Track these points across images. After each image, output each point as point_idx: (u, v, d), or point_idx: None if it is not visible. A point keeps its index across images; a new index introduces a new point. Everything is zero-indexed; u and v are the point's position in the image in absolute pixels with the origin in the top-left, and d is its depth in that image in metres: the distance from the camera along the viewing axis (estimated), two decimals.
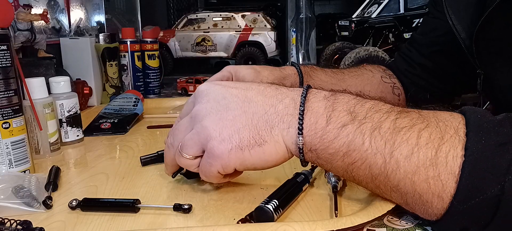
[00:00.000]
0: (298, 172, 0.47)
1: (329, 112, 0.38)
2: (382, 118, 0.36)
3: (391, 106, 0.38)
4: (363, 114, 0.37)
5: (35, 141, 0.63)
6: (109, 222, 0.41)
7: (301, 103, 0.38)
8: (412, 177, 0.34)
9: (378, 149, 0.36)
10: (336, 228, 0.35)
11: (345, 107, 0.38)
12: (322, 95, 0.39)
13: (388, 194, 0.38)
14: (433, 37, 0.73)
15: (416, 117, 0.37)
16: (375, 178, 0.37)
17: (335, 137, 0.37)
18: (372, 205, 0.39)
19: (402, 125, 0.36)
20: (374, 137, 0.36)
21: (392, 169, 0.35)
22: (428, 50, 0.74)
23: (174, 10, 1.95)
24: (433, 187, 0.34)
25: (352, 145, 0.36)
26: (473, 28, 0.57)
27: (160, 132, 0.77)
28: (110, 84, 1.07)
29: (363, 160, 0.36)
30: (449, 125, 0.35)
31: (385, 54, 1.63)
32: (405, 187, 0.35)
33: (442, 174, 0.33)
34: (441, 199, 0.34)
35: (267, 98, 0.40)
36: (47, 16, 0.95)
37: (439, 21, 0.70)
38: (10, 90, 0.52)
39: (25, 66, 0.72)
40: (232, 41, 1.40)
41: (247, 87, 0.42)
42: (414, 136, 0.35)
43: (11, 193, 0.45)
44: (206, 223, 0.41)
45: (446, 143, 0.34)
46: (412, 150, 0.34)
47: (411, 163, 0.34)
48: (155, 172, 0.55)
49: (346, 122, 0.37)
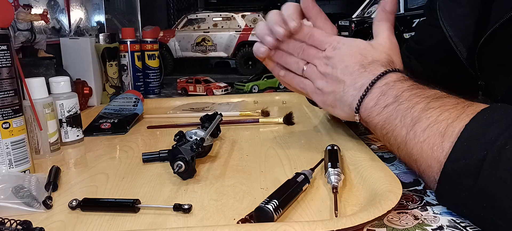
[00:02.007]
0: (298, 172, 0.47)
1: (379, 95, 0.48)
2: (419, 101, 0.45)
3: (436, 92, 0.45)
4: (405, 97, 0.46)
5: (35, 141, 0.63)
6: (109, 222, 0.41)
7: (365, 89, 0.50)
8: (421, 145, 0.42)
9: (404, 124, 0.45)
10: (336, 228, 0.35)
11: (394, 92, 0.47)
12: (384, 82, 0.49)
13: (408, 161, 0.46)
14: (431, 45, 0.73)
15: (449, 101, 0.43)
16: (399, 146, 0.46)
17: (377, 113, 0.48)
18: (372, 205, 0.39)
19: (432, 106, 0.43)
20: (405, 115, 0.45)
21: (410, 138, 0.44)
22: (427, 60, 0.73)
23: (174, 10, 1.95)
24: (436, 152, 0.40)
25: (388, 120, 0.47)
26: (471, 41, 0.57)
27: (160, 132, 0.77)
28: (110, 84, 1.07)
29: (392, 131, 0.46)
30: (472, 108, 0.41)
31: None
32: (416, 153, 0.43)
33: (445, 142, 0.40)
34: (438, 162, 0.40)
35: (352, 77, 0.51)
36: (47, 16, 0.95)
37: (434, 28, 0.69)
38: (10, 90, 0.52)
39: (25, 66, 0.72)
40: (232, 41, 1.40)
41: (344, 70, 0.52)
42: (436, 114, 0.42)
43: (11, 193, 0.45)
44: (206, 223, 0.41)
45: (458, 119, 0.40)
46: (429, 124, 0.42)
47: (425, 134, 0.42)
48: (155, 172, 0.55)
49: (389, 102, 0.47)
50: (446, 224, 0.40)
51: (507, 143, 0.35)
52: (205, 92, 1.13)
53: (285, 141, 0.68)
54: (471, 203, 0.37)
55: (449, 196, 0.40)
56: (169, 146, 0.55)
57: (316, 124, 0.76)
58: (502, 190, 0.34)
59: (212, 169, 0.55)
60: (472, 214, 0.39)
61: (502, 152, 0.35)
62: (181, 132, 0.59)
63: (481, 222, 0.38)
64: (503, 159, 0.35)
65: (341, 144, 0.58)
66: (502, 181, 0.34)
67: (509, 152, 0.35)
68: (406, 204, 0.44)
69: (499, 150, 0.35)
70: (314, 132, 0.72)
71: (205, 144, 0.56)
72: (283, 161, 0.57)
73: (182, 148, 0.52)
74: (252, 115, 0.85)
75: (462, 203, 0.38)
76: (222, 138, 0.70)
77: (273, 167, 0.55)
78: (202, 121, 0.68)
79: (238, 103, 0.99)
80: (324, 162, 0.52)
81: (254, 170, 0.54)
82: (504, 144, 0.35)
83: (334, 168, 0.47)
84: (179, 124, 0.80)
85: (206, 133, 0.58)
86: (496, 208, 0.35)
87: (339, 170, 0.47)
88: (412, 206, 0.44)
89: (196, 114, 0.88)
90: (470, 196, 0.37)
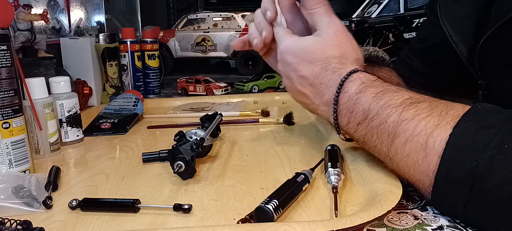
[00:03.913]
0: (298, 172, 0.47)
1: (348, 113, 0.46)
2: (390, 112, 0.42)
3: (405, 98, 0.43)
4: (374, 112, 0.43)
5: (35, 141, 0.63)
6: (109, 222, 0.41)
7: (333, 109, 0.47)
8: (406, 161, 0.41)
9: (382, 140, 0.43)
10: (336, 228, 0.35)
11: (361, 108, 0.45)
12: (347, 97, 0.46)
13: (398, 173, 0.44)
14: (433, 45, 0.72)
15: (423, 106, 0.41)
16: (385, 160, 0.44)
17: (354, 131, 0.46)
18: (372, 205, 0.39)
19: (405, 117, 0.41)
20: (380, 132, 0.43)
21: (393, 154, 0.42)
22: (430, 59, 0.73)
23: (174, 10, 1.95)
24: (422, 166, 0.39)
25: (365, 137, 0.45)
26: (471, 40, 0.57)
27: (160, 132, 0.77)
28: (110, 84, 1.07)
29: (374, 148, 0.45)
30: (450, 113, 0.39)
31: (385, 54, 1.63)
32: (403, 169, 0.42)
33: (429, 155, 0.38)
34: (428, 176, 0.39)
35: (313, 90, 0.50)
36: (47, 16, 0.95)
37: (436, 27, 0.68)
38: (10, 90, 0.52)
39: (25, 66, 0.72)
40: (232, 41, 1.40)
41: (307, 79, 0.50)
42: (412, 126, 0.40)
43: (11, 193, 0.45)
44: (206, 223, 0.41)
45: (438, 128, 0.38)
46: (407, 138, 0.40)
47: (406, 149, 0.40)
48: (155, 172, 0.55)
49: (360, 120, 0.45)
50: (446, 224, 0.40)
51: (498, 152, 0.34)
52: (205, 92, 1.13)
53: (285, 141, 0.68)
54: (469, 210, 0.37)
55: (446, 204, 0.39)
56: (169, 146, 0.55)
57: (316, 124, 0.76)
58: (499, 198, 0.34)
59: (212, 169, 0.55)
60: (472, 220, 0.39)
61: (494, 161, 0.34)
62: (181, 132, 0.59)
63: (482, 226, 0.38)
64: (496, 168, 0.34)
65: (341, 143, 0.58)
66: (498, 189, 0.34)
67: (501, 161, 0.34)
68: (406, 204, 0.44)
69: (491, 160, 0.34)
70: (314, 132, 0.72)
71: (205, 144, 0.56)
72: (283, 161, 0.57)
73: (182, 148, 0.52)
74: (252, 115, 0.85)
75: (461, 211, 0.38)
76: (222, 138, 0.70)
77: (273, 167, 0.55)
78: (202, 121, 0.68)
79: (238, 103, 0.99)
80: (324, 162, 0.52)
81: (254, 170, 0.54)
82: (496, 153, 0.34)
83: (334, 168, 0.47)
84: (179, 124, 0.80)
85: (206, 133, 0.58)
86: (495, 215, 0.35)
87: (339, 170, 0.47)
88: (412, 206, 0.44)
89: (196, 114, 0.88)
90: (468, 205, 0.36)
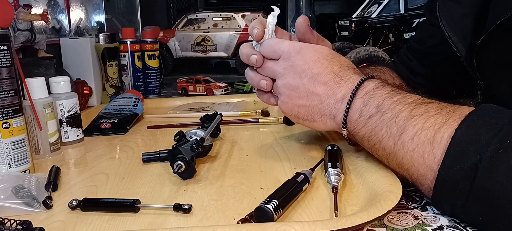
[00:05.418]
0: (298, 172, 0.47)
1: (362, 106, 0.46)
2: (402, 108, 0.43)
3: (417, 98, 0.44)
4: (387, 106, 0.45)
5: (35, 141, 0.63)
6: (109, 222, 0.41)
7: (347, 102, 0.47)
8: (412, 154, 0.41)
9: (390, 134, 0.43)
10: (336, 228, 0.35)
11: (376, 102, 0.46)
12: (364, 92, 0.47)
13: (399, 171, 0.45)
14: (432, 45, 0.72)
15: (432, 107, 0.42)
16: (388, 156, 0.45)
17: (363, 125, 0.46)
18: (372, 205, 0.39)
19: (416, 114, 0.42)
20: (390, 124, 0.44)
21: (398, 148, 0.42)
22: (429, 60, 0.73)
23: (174, 10, 1.95)
24: (427, 160, 0.40)
25: (373, 131, 0.45)
26: (470, 40, 0.57)
27: (160, 132, 0.77)
28: (110, 84, 1.07)
29: (380, 142, 0.45)
30: (458, 113, 0.40)
31: (385, 54, 1.63)
32: (407, 163, 0.42)
33: (435, 149, 0.39)
34: (432, 170, 0.39)
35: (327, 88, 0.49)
36: (47, 16, 0.95)
37: (435, 28, 0.69)
38: (10, 90, 0.52)
39: (25, 66, 0.72)
40: (232, 41, 1.40)
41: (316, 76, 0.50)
42: (421, 121, 0.41)
43: (11, 193, 0.45)
44: (206, 223, 0.41)
45: (446, 125, 0.40)
46: (416, 132, 0.41)
47: (413, 143, 0.41)
48: (155, 172, 0.55)
49: (372, 113, 0.45)
50: (446, 224, 0.40)
51: (500, 147, 0.35)
52: (205, 92, 1.13)
53: (285, 141, 0.68)
54: (469, 208, 0.37)
55: (447, 202, 0.39)
56: (169, 146, 0.55)
57: None
58: (500, 194, 0.34)
59: (212, 169, 0.55)
60: (471, 219, 0.39)
61: (497, 155, 0.35)
62: (181, 132, 0.59)
63: (481, 226, 0.38)
64: (499, 162, 0.34)
65: (341, 144, 0.58)
66: (499, 184, 0.34)
67: (503, 155, 0.35)
68: (406, 204, 0.44)
69: (494, 154, 0.35)
70: (314, 132, 0.72)
71: (205, 144, 0.56)
72: (283, 161, 0.57)
73: (182, 148, 0.52)
74: (252, 115, 0.85)
75: (460, 209, 0.38)
76: (222, 138, 0.70)
77: (273, 167, 0.55)
78: (202, 121, 0.68)
79: (238, 103, 0.99)
80: (324, 162, 0.52)
81: (254, 170, 0.54)
82: (498, 147, 0.35)
83: (334, 168, 0.47)
84: (179, 124, 0.80)
85: (206, 133, 0.58)
86: (495, 212, 0.35)
87: (339, 170, 0.47)
88: (412, 206, 0.44)
89: (196, 114, 0.88)
90: (468, 201, 0.37)
